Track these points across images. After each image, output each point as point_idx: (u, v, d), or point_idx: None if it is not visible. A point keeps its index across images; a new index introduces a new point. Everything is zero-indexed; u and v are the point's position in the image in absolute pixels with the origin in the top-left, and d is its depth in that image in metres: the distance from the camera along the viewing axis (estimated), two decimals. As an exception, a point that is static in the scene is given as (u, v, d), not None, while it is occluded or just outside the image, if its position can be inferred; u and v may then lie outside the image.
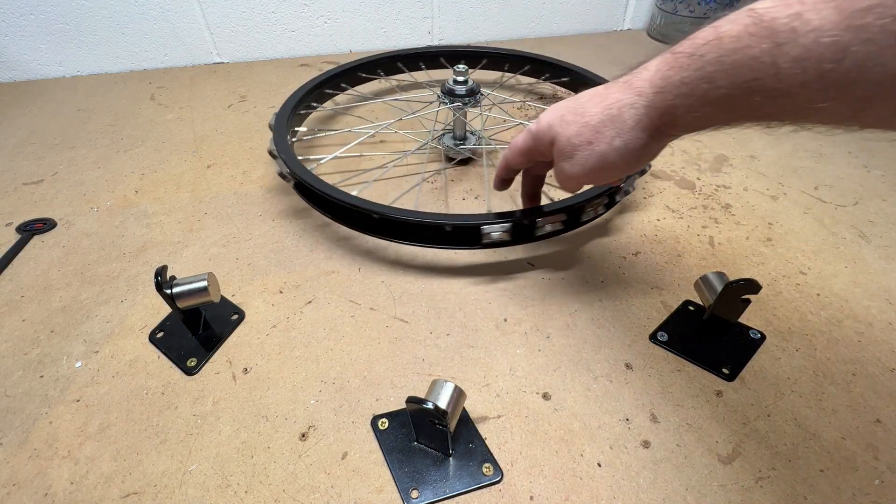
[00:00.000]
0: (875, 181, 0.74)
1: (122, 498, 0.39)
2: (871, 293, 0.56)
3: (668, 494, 0.39)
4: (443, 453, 0.41)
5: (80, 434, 0.43)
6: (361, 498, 0.39)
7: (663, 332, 0.51)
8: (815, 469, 0.41)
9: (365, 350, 0.50)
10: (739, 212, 0.68)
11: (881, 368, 0.48)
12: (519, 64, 0.92)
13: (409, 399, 0.37)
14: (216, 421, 0.44)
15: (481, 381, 0.47)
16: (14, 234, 0.64)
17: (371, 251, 0.61)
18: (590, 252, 0.61)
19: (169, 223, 0.66)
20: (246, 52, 1.13)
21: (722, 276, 0.49)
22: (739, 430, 0.43)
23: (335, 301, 0.55)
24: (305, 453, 0.41)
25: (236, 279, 0.57)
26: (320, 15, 1.12)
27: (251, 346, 0.50)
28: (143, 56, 1.08)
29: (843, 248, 0.62)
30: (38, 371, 0.48)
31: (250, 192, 0.71)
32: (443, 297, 0.55)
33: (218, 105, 0.95)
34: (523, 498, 0.39)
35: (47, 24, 0.99)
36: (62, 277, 0.58)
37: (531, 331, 0.52)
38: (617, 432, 0.43)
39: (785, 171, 0.76)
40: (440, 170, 0.76)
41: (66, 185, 0.73)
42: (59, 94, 0.98)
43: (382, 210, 0.53)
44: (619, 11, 1.30)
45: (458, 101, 0.70)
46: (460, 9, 1.18)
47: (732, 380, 0.47)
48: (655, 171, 0.76)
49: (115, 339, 0.51)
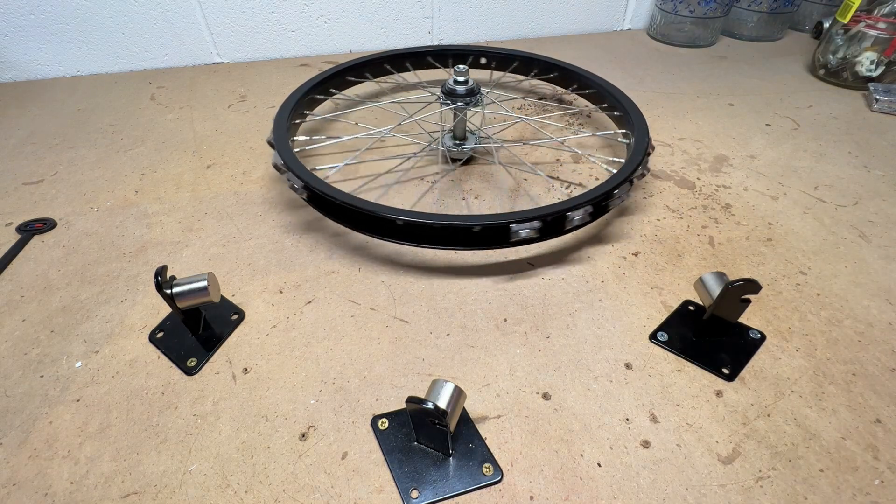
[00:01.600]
0: (875, 181, 0.74)
1: (122, 498, 0.39)
2: (871, 293, 0.56)
3: (668, 494, 0.39)
4: (443, 453, 0.41)
5: (80, 434, 0.43)
6: (361, 498, 0.39)
7: (663, 332, 0.51)
8: (815, 469, 0.41)
9: (365, 350, 0.50)
10: (739, 212, 0.68)
11: (881, 368, 0.48)
12: (547, 69, 0.89)
13: (409, 399, 0.37)
14: (216, 421, 0.44)
15: (481, 381, 0.47)
16: (14, 234, 0.64)
17: (371, 251, 0.61)
18: (590, 252, 0.61)
19: (169, 223, 0.66)
20: (246, 52, 1.13)
21: (722, 276, 0.49)
22: (739, 430, 0.43)
23: (335, 301, 0.55)
24: (305, 453, 0.41)
25: (236, 279, 0.57)
26: (320, 15, 1.11)
27: (251, 346, 0.50)
28: (143, 56, 1.07)
29: (843, 248, 0.62)
30: (38, 371, 0.48)
31: (250, 192, 0.71)
32: (443, 297, 0.55)
33: (218, 105, 0.95)
34: (523, 498, 0.39)
35: (47, 24, 0.99)
36: (62, 277, 0.58)
37: (531, 331, 0.52)
38: (617, 432, 0.43)
39: (785, 171, 0.76)
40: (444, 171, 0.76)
41: (66, 185, 0.73)
42: (59, 94, 0.98)
43: (409, 217, 0.52)
44: (619, 11, 1.30)
45: (459, 101, 0.70)
46: (460, 9, 1.18)
47: (732, 380, 0.47)
48: (655, 170, 0.76)
49: (115, 339, 0.51)
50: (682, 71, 1.10)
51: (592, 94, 0.82)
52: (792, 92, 1.01)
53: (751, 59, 1.16)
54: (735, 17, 1.25)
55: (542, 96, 0.97)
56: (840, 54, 1.01)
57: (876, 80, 0.98)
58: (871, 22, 0.95)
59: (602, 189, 0.56)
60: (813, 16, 1.30)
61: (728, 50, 1.21)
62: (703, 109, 0.94)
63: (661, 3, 1.22)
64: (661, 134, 0.86)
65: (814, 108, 0.95)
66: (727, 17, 1.23)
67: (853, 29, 0.98)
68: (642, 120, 0.69)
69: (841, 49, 1.01)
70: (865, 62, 0.98)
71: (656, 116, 0.91)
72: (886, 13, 0.94)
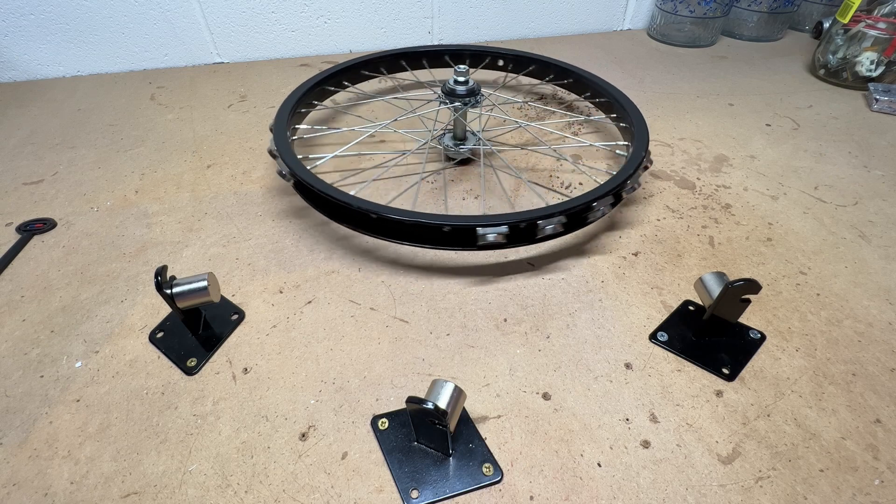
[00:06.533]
0: (875, 181, 0.74)
1: (122, 498, 0.39)
2: (871, 293, 0.56)
3: (668, 494, 0.39)
4: (443, 453, 0.41)
5: (80, 434, 0.43)
6: (361, 498, 0.39)
7: (663, 332, 0.51)
8: (815, 469, 0.41)
9: (365, 350, 0.50)
10: (739, 212, 0.68)
11: (881, 368, 0.48)
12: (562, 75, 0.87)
13: (409, 399, 0.37)
14: (216, 421, 0.44)
15: (481, 381, 0.47)
16: (14, 234, 0.64)
17: (371, 251, 0.61)
18: (590, 252, 0.61)
19: (169, 223, 0.66)
20: (246, 52, 1.13)
21: (722, 276, 0.49)
22: (739, 430, 0.43)
23: (335, 301, 0.55)
24: (305, 453, 0.41)
25: (236, 279, 0.57)
26: (320, 15, 1.11)
27: (251, 346, 0.50)
28: (143, 56, 1.07)
29: (843, 248, 0.62)
30: (38, 371, 0.48)
31: (250, 192, 0.71)
32: (443, 297, 0.55)
33: (218, 105, 0.95)
34: (523, 498, 0.39)
35: (47, 24, 0.99)
36: (62, 277, 0.58)
37: (531, 331, 0.52)
38: (617, 432, 0.43)
39: (785, 171, 0.76)
40: (440, 170, 0.76)
41: (66, 185, 0.73)
42: (59, 94, 0.98)
43: (378, 210, 0.53)
44: (619, 11, 1.30)
45: (459, 100, 0.70)
46: (460, 9, 1.18)
47: (732, 380, 0.47)
48: (655, 170, 0.76)
49: (115, 339, 0.51)
50: (682, 71, 1.10)
51: (604, 105, 0.81)
52: (792, 92, 1.01)
53: (751, 59, 1.16)
54: (735, 17, 1.25)
55: (541, 96, 0.97)
56: (840, 54, 1.01)
57: (876, 80, 0.98)
58: (871, 22, 0.95)
59: (578, 201, 0.55)
60: (813, 16, 1.30)
61: (728, 50, 1.21)
62: (703, 109, 0.94)
63: (661, 3, 1.22)
64: (661, 134, 0.86)
65: (814, 108, 0.95)
66: (727, 17, 1.23)
67: (853, 29, 0.98)
68: (644, 131, 0.67)
69: (841, 49, 1.01)
70: (865, 62, 0.98)
71: (656, 117, 0.91)
72: (886, 13, 0.94)
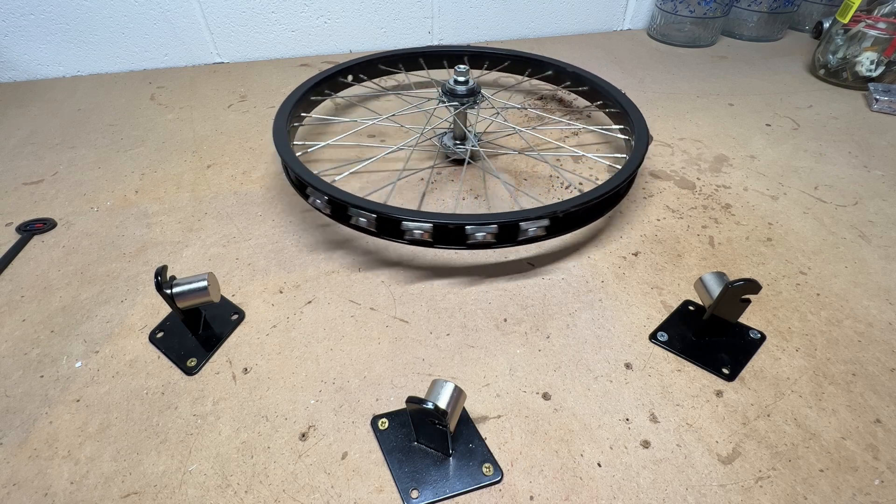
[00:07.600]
0: (875, 181, 0.74)
1: (122, 498, 0.39)
2: (871, 293, 0.56)
3: (668, 494, 0.39)
4: (443, 453, 0.41)
5: (80, 434, 0.43)
6: (361, 498, 0.39)
7: (663, 332, 0.51)
8: (815, 469, 0.41)
9: (365, 350, 0.50)
10: (739, 212, 0.68)
11: (881, 368, 0.48)
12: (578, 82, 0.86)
13: (409, 399, 0.37)
14: (216, 421, 0.44)
15: (481, 381, 0.47)
16: (14, 234, 0.64)
17: (371, 251, 0.61)
18: (590, 252, 0.61)
19: (169, 223, 0.66)
20: (246, 52, 1.13)
21: (722, 276, 0.49)
22: (739, 430, 0.43)
23: (335, 301, 0.55)
24: (305, 453, 0.41)
25: (236, 279, 0.57)
26: (320, 15, 1.11)
27: (251, 346, 0.50)
28: (143, 56, 1.07)
29: (843, 248, 0.62)
30: (38, 371, 0.48)
31: (250, 192, 0.71)
32: (443, 297, 0.55)
33: (218, 105, 0.95)
34: (523, 498, 0.39)
35: (47, 24, 0.99)
36: (62, 277, 0.58)
37: (531, 331, 0.52)
38: (617, 432, 0.43)
39: (785, 171, 0.76)
40: (434, 167, 0.76)
41: (66, 185, 0.73)
42: (59, 94, 0.98)
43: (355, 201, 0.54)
44: (619, 11, 1.30)
45: (458, 101, 0.70)
46: (460, 9, 1.18)
47: (732, 380, 0.47)
48: (655, 170, 0.76)
49: (115, 339, 0.51)
50: (682, 71, 1.10)
51: (608, 110, 0.80)
52: (792, 92, 1.01)
53: (751, 59, 1.16)
54: (735, 17, 1.25)
55: (541, 97, 0.97)
56: (840, 54, 1.01)
57: (876, 80, 0.98)
58: (871, 22, 0.95)
59: (559, 207, 0.54)
60: (813, 16, 1.30)
61: (728, 50, 1.21)
62: (703, 109, 0.94)
63: (661, 3, 1.22)
64: (661, 134, 0.86)
65: (814, 108, 0.95)
66: (727, 17, 1.23)
67: (853, 29, 0.98)
68: (644, 128, 0.66)
69: (841, 49, 1.01)
70: (865, 62, 0.98)
71: (656, 116, 0.91)
72: (886, 13, 0.94)
